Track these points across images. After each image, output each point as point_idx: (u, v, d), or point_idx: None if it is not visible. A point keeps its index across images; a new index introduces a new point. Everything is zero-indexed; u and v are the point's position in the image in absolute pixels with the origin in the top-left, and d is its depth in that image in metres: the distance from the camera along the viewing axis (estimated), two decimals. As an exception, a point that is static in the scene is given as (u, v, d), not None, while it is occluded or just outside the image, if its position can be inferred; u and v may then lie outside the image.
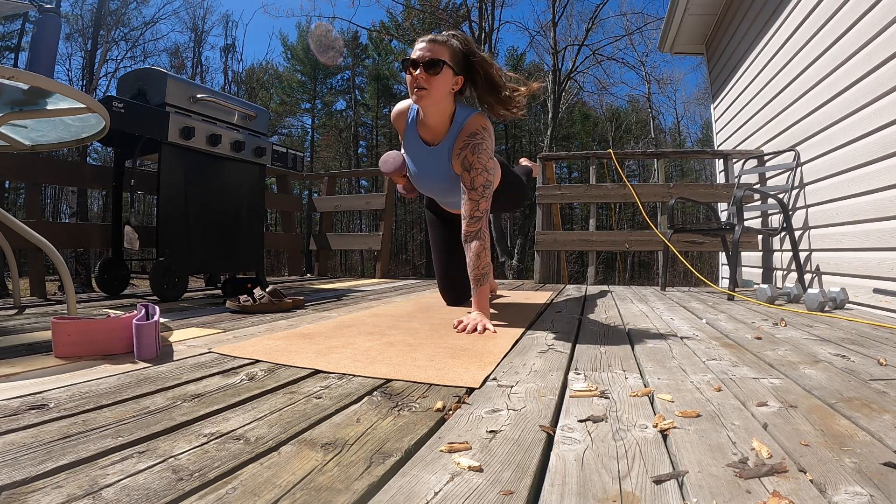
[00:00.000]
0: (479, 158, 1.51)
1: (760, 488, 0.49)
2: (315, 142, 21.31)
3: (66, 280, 1.51)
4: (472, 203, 1.53)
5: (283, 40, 20.26)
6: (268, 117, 2.72)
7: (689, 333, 1.46)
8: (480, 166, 1.51)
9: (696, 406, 0.76)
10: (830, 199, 2.48)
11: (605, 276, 14.82)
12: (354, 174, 7.68)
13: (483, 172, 1.52)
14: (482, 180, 1.52)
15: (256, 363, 1.03)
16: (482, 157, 1.51)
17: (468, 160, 1.52)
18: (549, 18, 12.66)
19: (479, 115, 1.57)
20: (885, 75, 2.00)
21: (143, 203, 11.93)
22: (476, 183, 1.51)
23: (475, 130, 1.53)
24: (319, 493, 0.48)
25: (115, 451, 0.57)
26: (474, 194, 1.52)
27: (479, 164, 1.51)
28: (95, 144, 7.18)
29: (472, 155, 1.51)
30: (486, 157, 1.52)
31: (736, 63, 3.88)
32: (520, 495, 0.48)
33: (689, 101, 20.72)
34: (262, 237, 2.68)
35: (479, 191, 1.52)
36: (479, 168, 1.51)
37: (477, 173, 1.51)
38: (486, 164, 1.53)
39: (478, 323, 1.40)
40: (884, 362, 1.07)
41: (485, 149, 1.52)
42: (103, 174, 2.89)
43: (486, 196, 1.53)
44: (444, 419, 0.70)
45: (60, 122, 1.63)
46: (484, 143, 1.52)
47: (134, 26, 14.92)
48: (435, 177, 1.69)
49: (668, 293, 2.93)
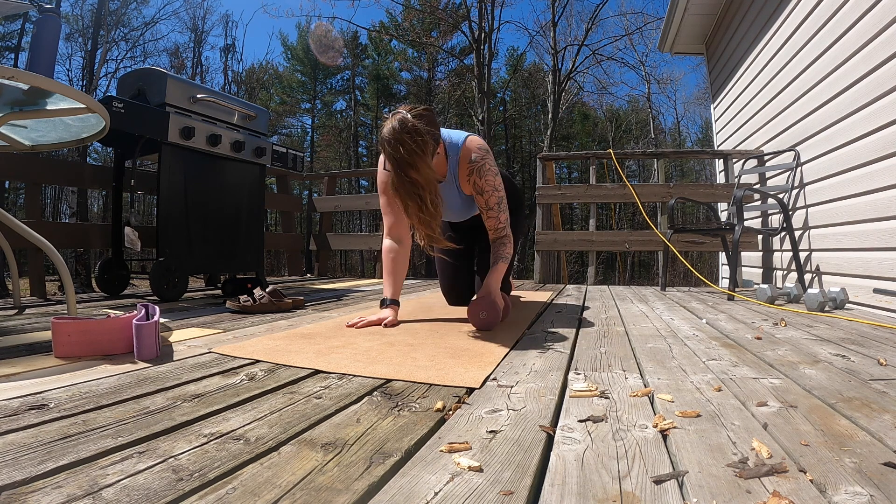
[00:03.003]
0: (487, 181, 1.58)
1: (760, 488, 0.49)
2: (315, 142, 21.32)
3: (66, 280, 1.51)
4: (493, 219, 1.62)
5: (283, 40, 20.26)
6: (268, 117, 2.72)
7: (690, 333, 1.46)
8: (490, 188, 1.59)
9: (696, 406, 0.76)
10: (830, 199, 2.48)
11: (605, 276, 14.82)
12: (354, 174, 7.69)
13: (494, 192, 1.60)
14: (495, 199, 1.60)
15: (256, 363, 1.03)
16: (489, 178, 1.58)
17: (478, 185, 1.59)
18: (549, 18, 12.69)
19: (469, 140, 1.61)
20: (885, 75, 2.00)
21: (143, 203, 11.92)
22: (491, 203, 1.60)
23: (473, 156, 1.58)
24: (319, 493, 0.48)
25: (115, 451, 0.57)
26: (492, 213, 1.61)
27: (488, 186, 1.58)
28: (95, 144, 7.18)
29: (479, 179, 1.58)
30: (492, 177, 1.59)
31: (736, 63, 3.88)
32: (520, 495, 0.48)
33: (689, 101, 20.74)
34: (262, 237, 2.68)
35: (495, 209, 1.61)
36: (489, 190, 1.59)
37: (489, 195, 1.59)
38: (495, 182, 1.60)
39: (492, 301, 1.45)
40: (884, 362, 1.07)
41: (489, 169, 1.59)
42: (103, 174, 2.89)
43: (503, 210, 1.63)
44: (444, 419, 0.70)
45: (60, 122, 1.63)
46: (485, 163, 1.58)
47: (134, 26, 14.94)
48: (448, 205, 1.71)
49: (668, 293, 2.93)
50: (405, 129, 1.33)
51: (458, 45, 16.37)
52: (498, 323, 1.52)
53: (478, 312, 1.45)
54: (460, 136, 1.62)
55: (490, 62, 13.41)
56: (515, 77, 18.18)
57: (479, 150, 1.58)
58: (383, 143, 1.36)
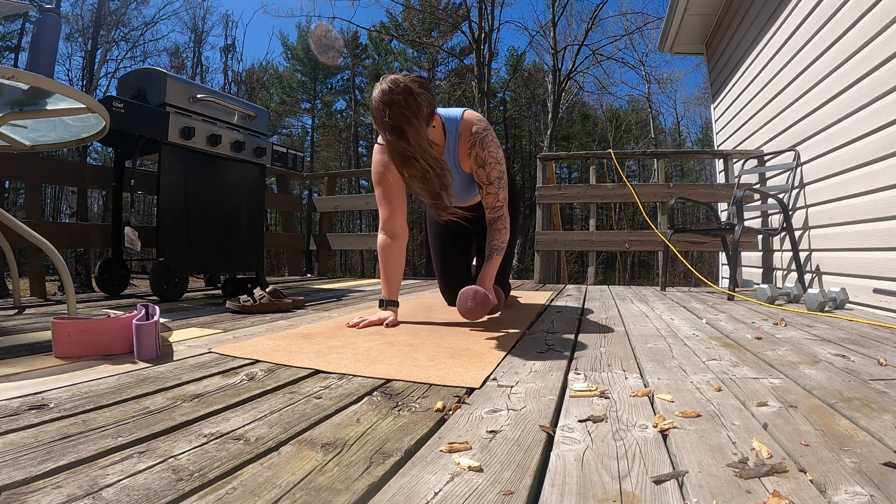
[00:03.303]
0: (490, 152, 1.55)
1: (760, 488, 0.49)
2: (315, 142, 21.32)
3: (66, 280, 1.51)
4: (492, 196, 1.58)
5: (283, 40, 20.26)
6: (268, 117, 2.72)
7: (690, 333, 1.46)
8: (493, 160, 1.55)
9: (696, 406, 0.76)
10: (830, 199, 2.48)
11: (605, 276, 14.82)
12: (354, 174, 7.68)
13: (496, 165, 1.56)
14: (497, 173, 1.56)
15: (256, 363, 1.03)
16: (492, 150, 1.55)
17: (480, 157, 1.55)
18: (549, 18, 12.68)
19: (467, 113, 1.57)
20: (885, 75, 2.00)
21: (143, 203, 11.92)
22: (492, 177, 1.56)
23: (475, 128, 1.54)
24: (319, 493, 0.48)
25: (115, 451, 0.57)
26: (492, 188, 1.57)
27: (491, 157, 1.55)
28: (95, 144, 7.19)
29: (482, 150, 1.54)
30: (494, 149, 1.56)
31: (736, 63, 3.88)
32: (520, 495, 0.48)
33: (689, 101, 20.73)
34: (262, 237, 2.68)
35: (495, 184, 1.57)
36: (492, 162, 1.55)
37: (491, 167, 1.55)
38: (497, 155, 1.57)
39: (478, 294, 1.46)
40: (884, 362, 1.07)
41: (491, 140, 1.55)
42: (103, 174, 2.89)
43: (502, 186, 1.59)
44: (445, 419, 0.70)
45: (60, 122, 1.63)
46: (488, 134, 1.55)
47: (134, 26, 14.94)
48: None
49: (668, 293, 2.93)
50: (396, 90, 1.25)
51: (458, 45, 16.38)
52: (485, 314, 1.51)
53: (465, 301, 1.44)
54: (457, 111, 1.58)
55: (490, 62, 13.42)
56: (515, 77, 18.18)
57: (480, 122, 1.56)
58: (374, 110, 1.28)
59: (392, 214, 1.58)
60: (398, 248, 1.61)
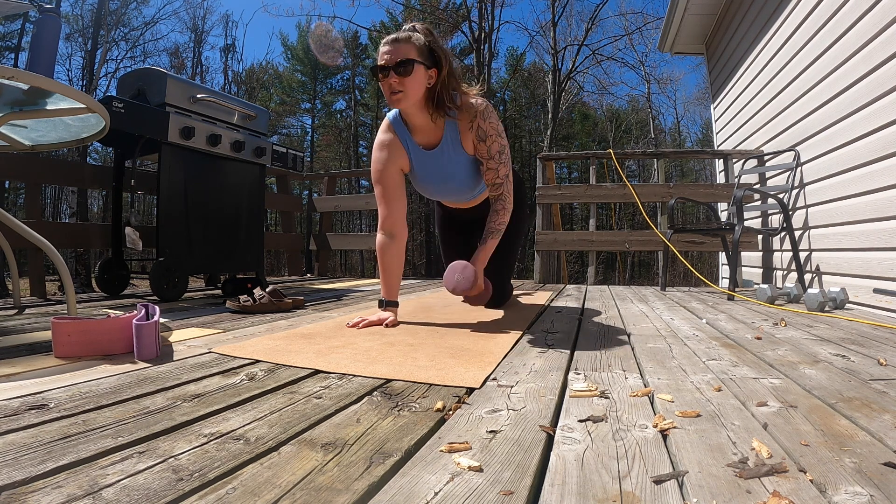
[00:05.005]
0: (492, 124, 1.54)
1: (760, 488, 0.49)
2: (315, 142, 21.32)
3: (66, 280, 1.51)
4: (492, 171, 1.58)
5: (283, 40, 20.30)
6: (268, 117, 2.72)
7: (690, 333, 1.46)
8: (494, 132, 1.55)
9: (696, 406, 0.76)
10: (830, 199, 2.48)
11: (605, 276, 14.81)
12: (354, 174, 7.68)
13: (498, 138, 1.55)
14: (497, 146, 1.56)
15: (256, 363, 1.03)
16: (493, 122, 1.55)
17: (482, 129, 1.54)
18: (549, 18, 12.71)
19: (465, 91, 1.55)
20: (885, 75, 2.00)
21: (143, 203, 11.93)
22: (493, 151, 1.55)
23: (474, 101, 1.54)
24: (319, 493, 0.48)
25: (115, 451, 0.57)
26: (492, 163, 1.57)
27: (492, 129, 1.54)
28: (95, 144, 7.19)
29: (484, 122, 1.53)
30: (496, 121, 1.56)
31: (736, 63, 3.88)
32: (520, 495, 0.48)
33: (689, 101, 20.75)
34: (262, 237, 2.68)
35: (496, 158, 1.56)
36: (493, 135, 1.55)
37: (492, 140, 1.55)
38: (498, 127, 1.56)
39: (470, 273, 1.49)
40: (884, 362, 1.07)
41: (491, 112, 1.55)
42: (103, 174, 2.89)
43: (503, 162, 1.58)
44: (444, 419, 0.70)
45: (60, 122, 1.63)
46: (488, 108, 1.55)
47: (134, 26, 14.95)
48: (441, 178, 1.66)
49: (668, 293, 2.93)
50: (415, 28, 1.42)
51: (459, 45, 16.36)
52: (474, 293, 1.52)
53: (454, 273, 1.46)
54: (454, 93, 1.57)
55: (490, 62, 13.43)
56: (515, 77, 18.18)
57: (478, 97, 1.56)
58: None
59: (391, 213, 1.58)
60: (397, 248, 1.61)
